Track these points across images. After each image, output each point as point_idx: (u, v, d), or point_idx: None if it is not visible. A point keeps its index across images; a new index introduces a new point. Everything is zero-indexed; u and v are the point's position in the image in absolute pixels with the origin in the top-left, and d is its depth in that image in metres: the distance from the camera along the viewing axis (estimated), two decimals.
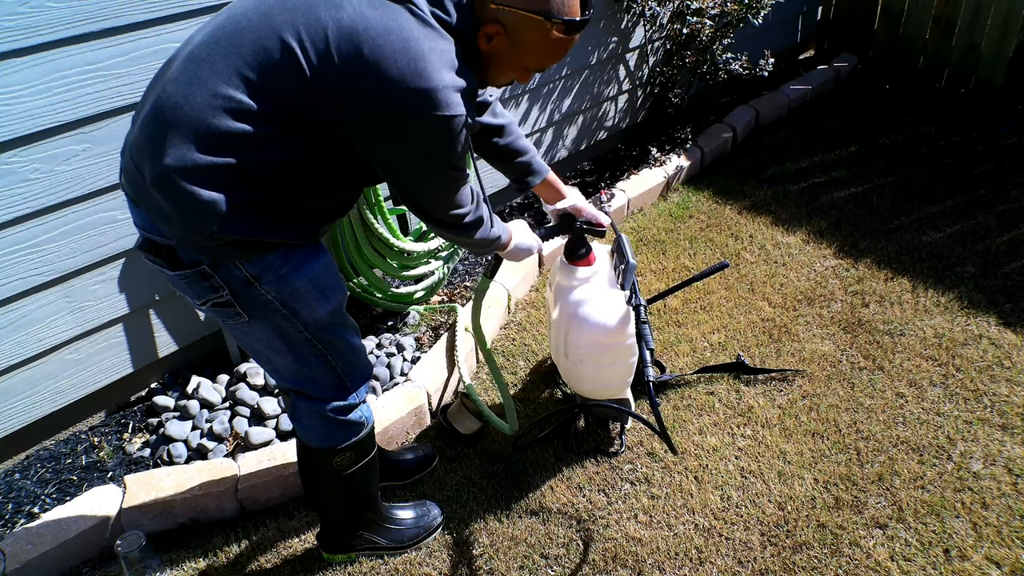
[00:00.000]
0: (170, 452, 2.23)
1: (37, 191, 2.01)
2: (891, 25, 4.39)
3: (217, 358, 2.56)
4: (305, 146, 1.37)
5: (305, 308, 1.54)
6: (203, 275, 1.44)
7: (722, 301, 2.88)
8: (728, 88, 4.14)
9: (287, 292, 1.50)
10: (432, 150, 1.40)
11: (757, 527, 2.05)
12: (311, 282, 1.52)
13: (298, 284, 1.50)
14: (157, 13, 2.06)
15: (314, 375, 1.65)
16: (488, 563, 2.00)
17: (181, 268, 1.44)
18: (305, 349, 1.60)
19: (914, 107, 4.20)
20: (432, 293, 2.83)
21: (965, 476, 2.15)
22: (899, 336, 2.65)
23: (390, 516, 2.00)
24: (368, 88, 1.30)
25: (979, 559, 1.93)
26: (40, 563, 1.93)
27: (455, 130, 1.36)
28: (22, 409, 2.19)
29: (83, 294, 2.19)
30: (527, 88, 3.24)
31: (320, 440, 1.74)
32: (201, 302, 1.50)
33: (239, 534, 2.09)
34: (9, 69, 1.86)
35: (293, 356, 1.61)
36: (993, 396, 2.39)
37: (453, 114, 1.34)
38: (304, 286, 1.51)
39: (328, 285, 1.57)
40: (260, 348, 1.62)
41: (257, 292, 1.48)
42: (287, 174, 1.38)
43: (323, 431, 1.73)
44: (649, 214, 3.47)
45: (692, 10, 3.44)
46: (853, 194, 3.49)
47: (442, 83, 1.32)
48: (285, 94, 1.32)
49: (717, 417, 2.38)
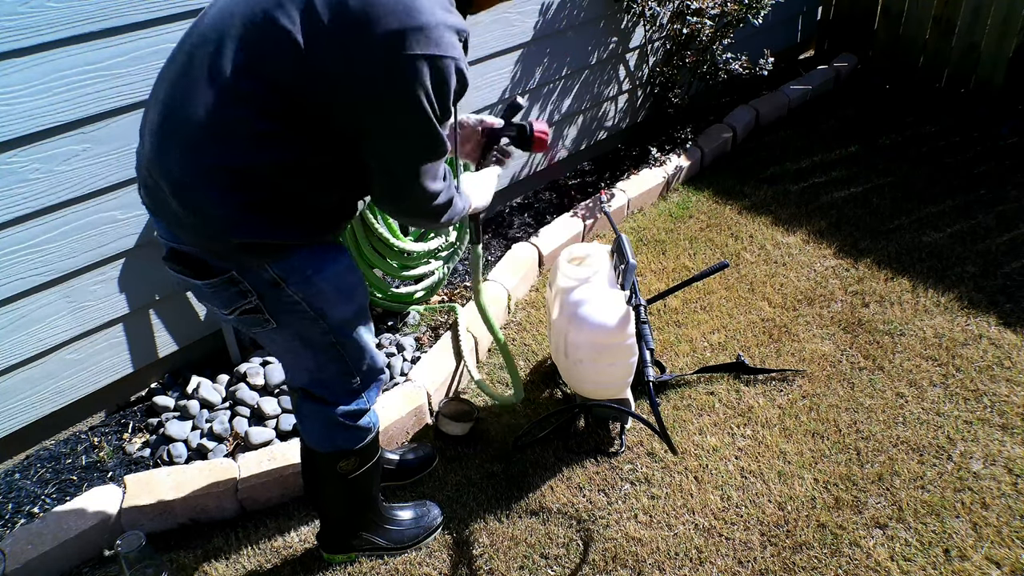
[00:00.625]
0: (170, 452, 2.23)
1: (37, 191, 2.01)
2: (891, 25, 4.39)
3: (217, 358, 2.56)
4: (306, 142, 1.35)
5: (331, 308, 1.54)
6: (231, 281, 1.44)
7: (722, 301, 2.88)
8: (728, 88, 4.14)
9: (313, 293, 1.50)
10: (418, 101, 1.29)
11: (757, 527, 2.05)
12: (335, 283, 1.53)
13: (323, 285, 1.50)
14: (157, 13, 2.06)
15: (328, 378, 1.66)
16: (488, 563, 2.00)
17: (209, 277, 1.43)
18: (324, 353, 1.60)
19: (914, 107, 4.20)
20: (432, 293, 2.83)
21: (965, 476, 2.15)
22: (899, 336, 2.65)
23: (390, 517, 2.00)
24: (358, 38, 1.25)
25: (979, 559, 1.93)
26: (40, 563, 1.93)
27: (445, 72, 1.29)
28: (22, 409, 2.19)
29: (83, 294, 2.19)
30: (527, 88, 3.24)
31: (323, 444, 1.74)
32: (229, 311, 1.49)
33: (239, 534, 2.09)
34: (9, 69, 1.86)
35: (312, 359, 1.61)
36: (993, 396, 2.39)
37: (446, 55, 1.28)
38: (328, 287, 1.51)
39: (352, 286, 1.57)
40: (280, 351, 1.65)
41: (284, 294, 1.48)
42: (291, 173, 1.37)
43: (327, 435, 1.73)
44: (649, 214, 3.47)
45: (692, 10, 3.44)
46: (853, 194, 3.49)
47: (435, 19, 1.26)
48: (279, 72, 1.28)
49: (717, 417, 2.38)
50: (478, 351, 2.63)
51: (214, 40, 1.32)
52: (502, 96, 3.15)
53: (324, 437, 1.73)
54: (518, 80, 3.18)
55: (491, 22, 2.96)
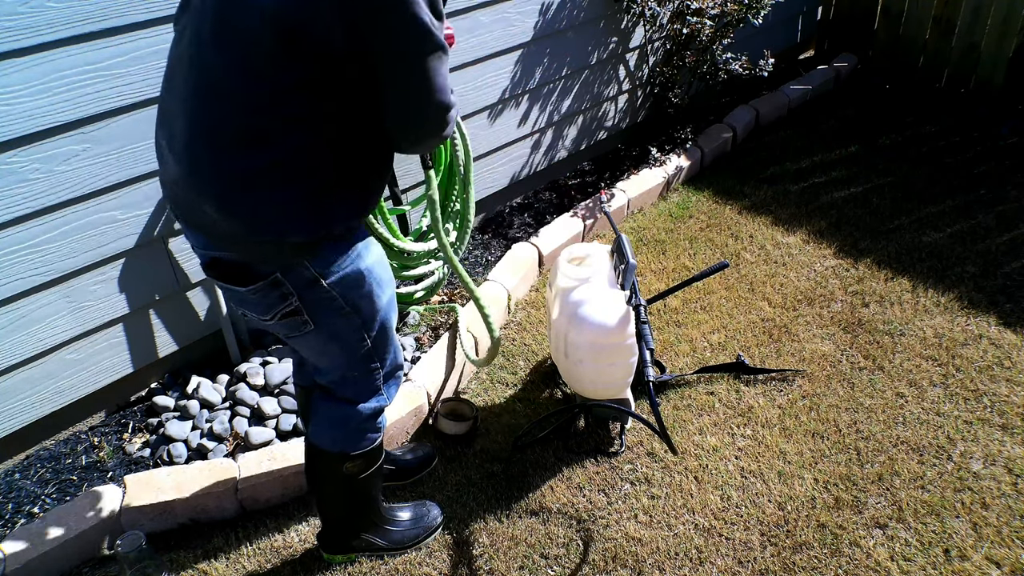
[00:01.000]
0: (170, 452, 2.23)
1: (37, 191, 2.01)
2: (891, 25, 4.38)
3: (217, 358, 2.56)
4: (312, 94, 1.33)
5: (364, 302, 1.56)
6: (275, 284, 1.45)
7: (722, 301, 2.88)
8: (728, 88, 4.14)
9: (347, 285, 1.51)
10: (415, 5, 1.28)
11: (757, 527, 2.05)
12: (369, 275, 1.54)
13: (357, 277, 1.52)
14: (157, 13, 2.06)
15: (357, 376, 1.67)
16: (488, 563, 2.00)
17: (253, 282, 1.44)
18: (355, 349, 1.62)
19: (914, 107, 4.20)
20: (432, 293, 2.83)
21: (965, 476, 2.15)
22: (899, 336, 2.65)
23: (390, 517, 2.00)
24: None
25: (979, 559, 1.93)
26: (40, 563, 1.93)
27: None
28: (22, 409, 2.19)
29: (83, 294, 2.19)
30: (527, 88, 3.24)
31: (332, 444, 1.74)
32: (269, 317, 1.50)
33: (239, 534, 2.09)
34: (9, 69, 1.86)
35: (343, 356, 1.63)
36: (993, 396, 2.39)
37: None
38: (362, 280, 1.53)
39: (384, 279, 1.60)
40: (313, 353, 1.65)
41: (321, 291, 1.49)
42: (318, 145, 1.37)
43: (340, 436, 1.73)
44: (649, 214, 3.47)
45: (692, 10, 3.44)
46: (853, 194, 3.49)
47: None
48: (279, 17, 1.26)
49: (717, 417, 2.38)
50: (478, 351, 2.63)
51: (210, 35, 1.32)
52: (502, 96, 3.15)
53: (336, 438, 1.74)
54: (518, 80, 3.18)
55: (491, 22, 2.96)
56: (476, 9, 2.89)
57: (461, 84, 2.96)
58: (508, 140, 3.29)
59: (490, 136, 3.21)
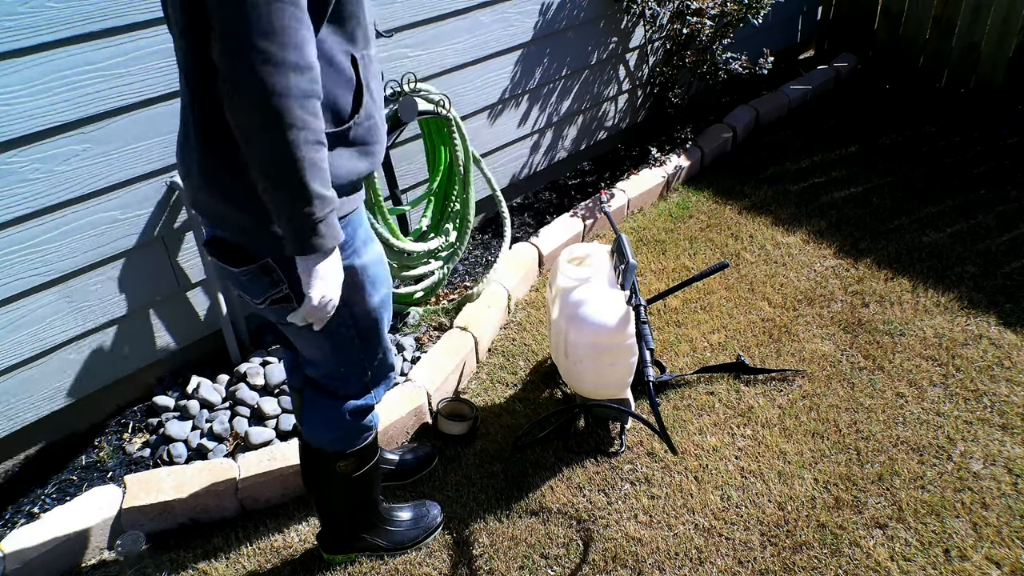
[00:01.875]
0: (170, 452, 2.23)
1: (37, 191, 2.01)
2: (891, 25, 4.38)
3: (217, 358, 2.56)
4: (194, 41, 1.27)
5: (356, 296, 1.55)
6: (266, 269, 1.44)
7: (722, 301, 2.88)
8: (728, 88, 4.14)
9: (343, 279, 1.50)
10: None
11: (757, 527, 2.05)
12: (363, 272, 1.53)
13: (349, 273, 1.50)
14: (157, 13, 2.06)
15: (344, 370, 1.67)
16: (488, 563, 2.00)
17: (246, 263, 1.44)
18: (346, 347, 1.61)
19: (914, 107, 4.20)
20: (432, 293, 2.83)
21: (965, 476, 2.15)
22: (899, 336, 2.65)
23: (390, 517, 2.00)
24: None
25: (979, 559, 1.93)
26: (40, 563, 1.93)
27: None
28: (22, 409, 2.19)
29: (83, 294, 2.19)
30: (527, 88, 3.24)
31: (326, 443, 1.74)
32: (261, 301, 1.50)
33: (239, 534, 2.09)
34: (9, 69, 1.86)
35: (332, 351, 1.62)
36: (993, 396, 2.39)
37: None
38: (354, 276, 1.52)
39: (378, 278, 1.58)
40: (302, 344, 1.65)
41: None
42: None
43: (330, 432, 1.73)
44: (649, 214, 3.47)
45: (692, 10, 3.44)
46: (853, 194, 3.49)
47: None
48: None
49: (717, 417, 2.38)
50: (478, 351, 2.63)
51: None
52: (502, 96, 3.15)
53: (327, 434, 1.73)
54: (518, 80, 3.19)
55: (491, 22, 2.96)
56: (476, 9, 2.89)
57: (461, 84, 2.97)
58: (508, 140, 3.29)
59: (490, 136, 3.21)
